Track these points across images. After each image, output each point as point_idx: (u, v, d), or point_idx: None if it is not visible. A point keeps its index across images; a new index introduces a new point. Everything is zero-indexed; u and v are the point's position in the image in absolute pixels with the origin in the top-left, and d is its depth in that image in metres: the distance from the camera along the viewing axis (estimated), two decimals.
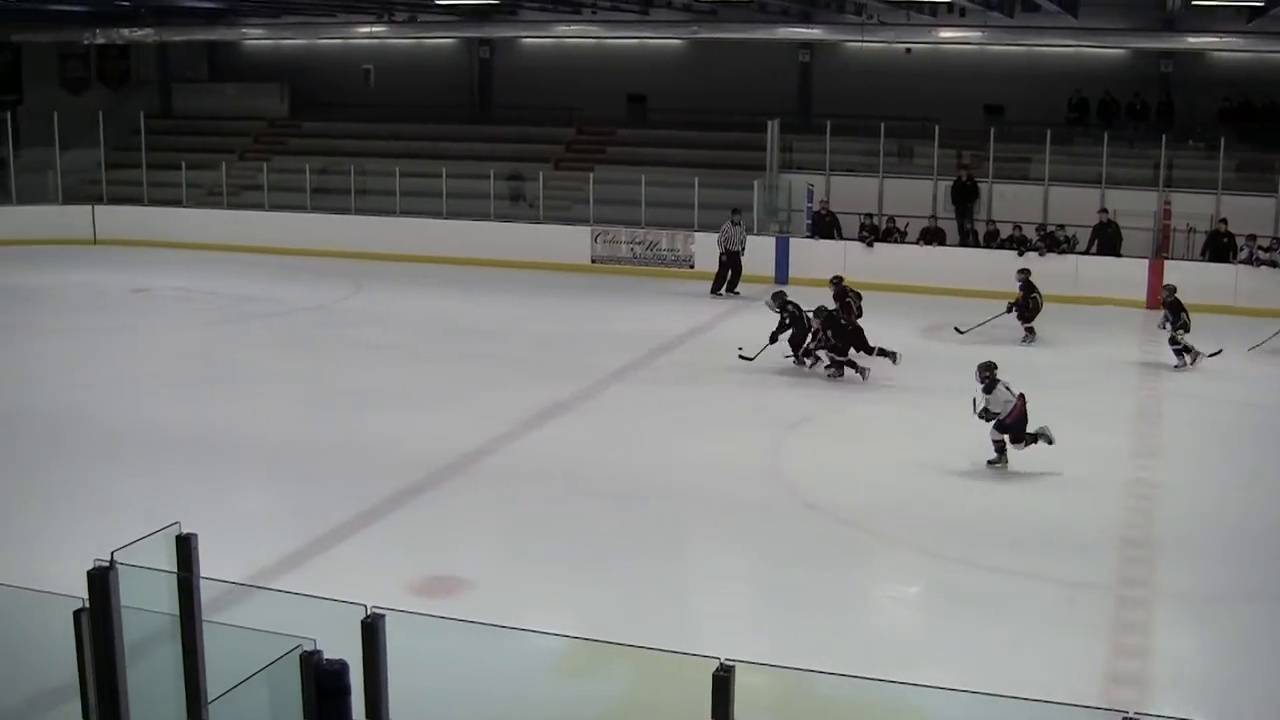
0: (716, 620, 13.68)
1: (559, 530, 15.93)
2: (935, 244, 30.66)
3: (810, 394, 21.78)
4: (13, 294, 30.35)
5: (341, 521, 15.92)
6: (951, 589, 14.46)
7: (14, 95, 42.68)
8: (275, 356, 24.84)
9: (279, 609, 9.28)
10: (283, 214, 36.94)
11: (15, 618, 9.46)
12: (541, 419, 20.42)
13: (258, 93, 44.68)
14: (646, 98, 40.66)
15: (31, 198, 38.05)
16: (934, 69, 36.60)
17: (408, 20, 39.33)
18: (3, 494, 17.27)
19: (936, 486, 17.49)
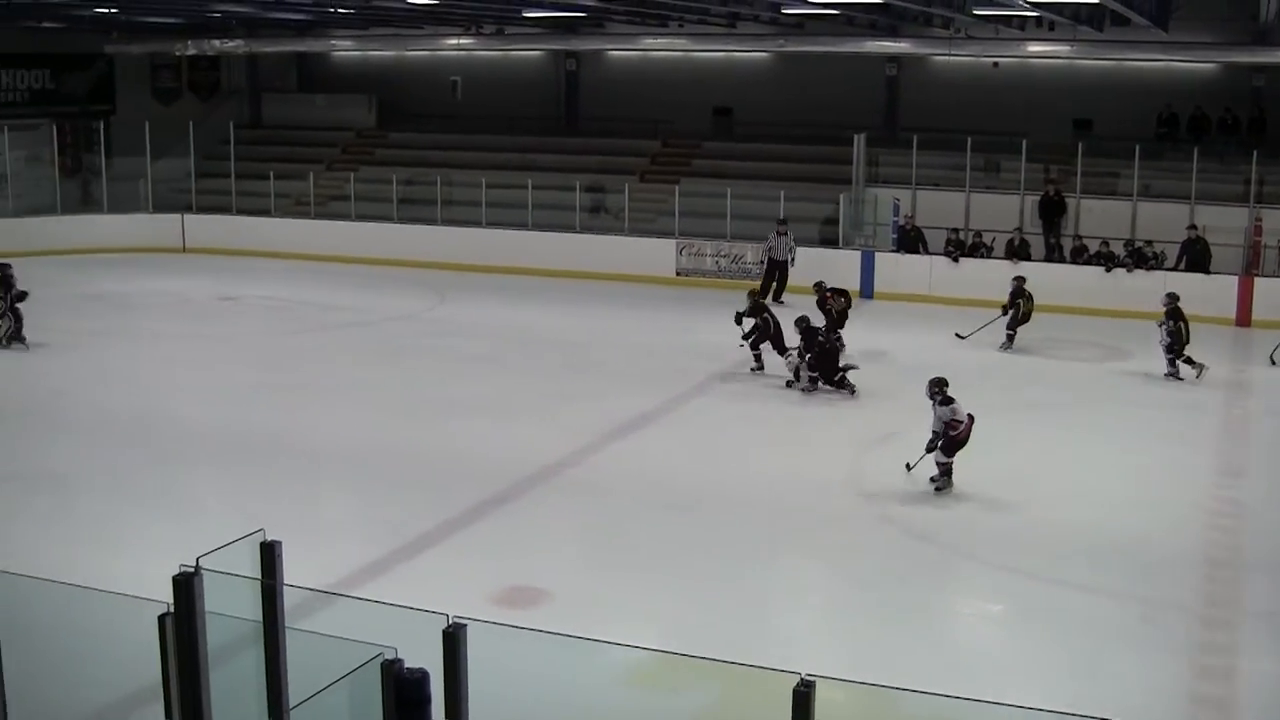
0: (796, 634, 13.63)
1: (640, 542, 15.93)
2: (1021, 259, 30.41)
3: (895, 408, 21.62)
4: (103, 301, 30.70)
5: (424, 531, 15.99)
6: (1031, 606, 14.34)
7: (107, 105, 43.23)
8: (361, 365, 24.97)
9: (361, 617, 9.34)
10: (369, 224, 37.19)
11: (102, 621, 9.55)
12: (624, 431, 20.43)
13: (346, 104, 44.99)
14: (733, 111, 40.59)
15: (122, 206, 38.52)
16: (1022, 83, 36.32)
17: (495, 32, 39.47)
18: (91, 497, 17.47)
19: (1017, 502, 17.34)
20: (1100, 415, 21.91)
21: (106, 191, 38.70)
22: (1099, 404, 22.60)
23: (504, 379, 23.78)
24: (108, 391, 22.79)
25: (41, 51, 41.12)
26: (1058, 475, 18.53)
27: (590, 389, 23.05)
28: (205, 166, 40.65)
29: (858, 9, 30.18)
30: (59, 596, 9.37)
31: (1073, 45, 33.18)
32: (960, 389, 22.81)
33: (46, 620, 9.79)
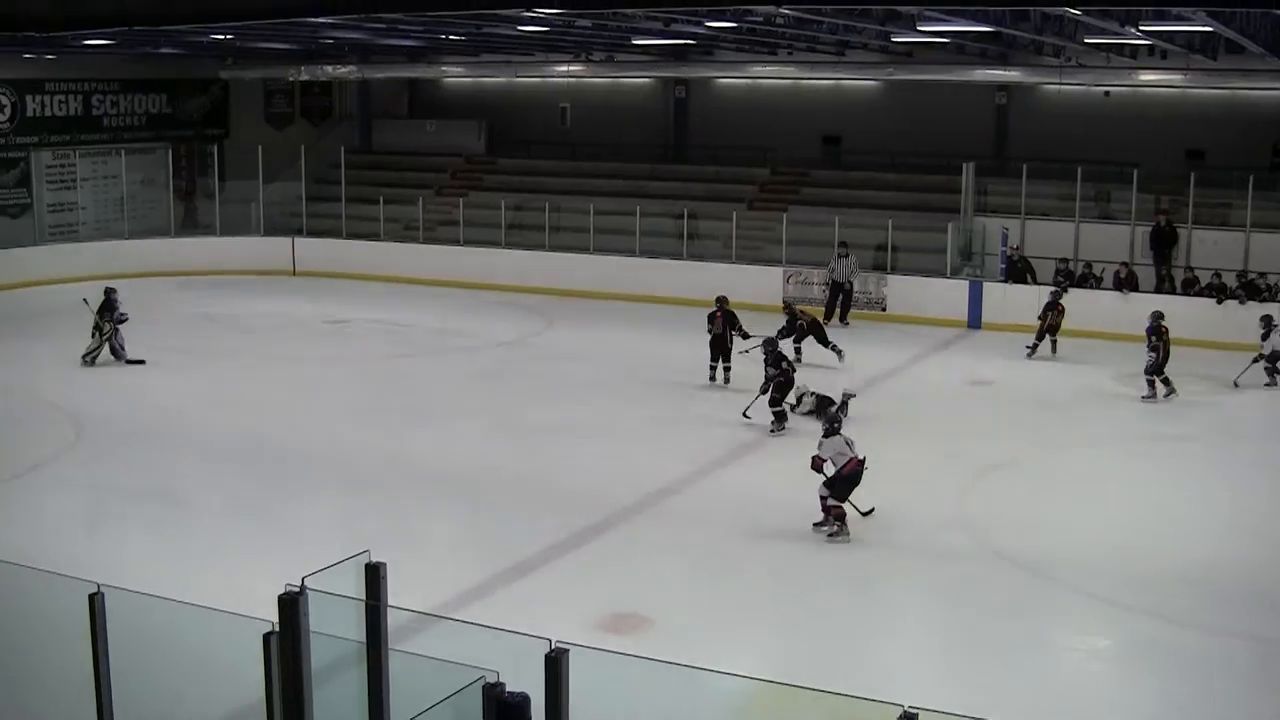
0: (900, 666, 13.53)
1: (744, 570, 15.89)
2: (1131, 290, 30.05)
3: (1006, 441, 21.46)
4: (215, 322, 31.08)
5: (528, 554, 16.03)
6: (1142, 643, 14.16)
7: (222, 130, 43.81)
8: (468, 389, 25.11)
9: (463, 640, 9.35)
10: (477, 249, 37.38)
11: (208, 637, 9.66)
12: (729, 459, 20.41)
13: (456, 129, 45.32)
14: (841, 138, 40.50)
15: (234, 229, 39.02)
16: (1133, 112, 35.93)
17: (605, 60, 39.59)
18: (201, 516, 17.72)
19: (1130, 537, 17.14)
20: (1213, 449, 21.65)
21: (219, 214, 39.19)
22: (1212, 438, 22.30)
23: (609, 405, 23.81)
24: (219, 411, 23.07)
25: (158, 77, 41.74)
26: (1170, 509, 18.31)
27: (696, 415, 23.03)
28: (316, 190, 41.08)
29: (968, 37, 30.00)
30: (168, 612, 9.49)
31: (1186, 74, 32.79)
32: (1070, 422, 22.72)
33: (155, 635, 9.91)
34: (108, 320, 25.91)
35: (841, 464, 16.95)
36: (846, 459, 16.95)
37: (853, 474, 16.91)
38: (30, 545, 15.06)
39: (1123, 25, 23.04)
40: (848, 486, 16.92)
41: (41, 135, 39.00)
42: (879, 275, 32.48)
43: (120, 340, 26.11)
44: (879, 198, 36.04)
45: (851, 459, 16.94)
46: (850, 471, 16.91)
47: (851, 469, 16.91)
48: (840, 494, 16.89)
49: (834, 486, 16.89)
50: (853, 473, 16.91)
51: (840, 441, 17.06)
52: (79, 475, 19.70)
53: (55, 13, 23.79)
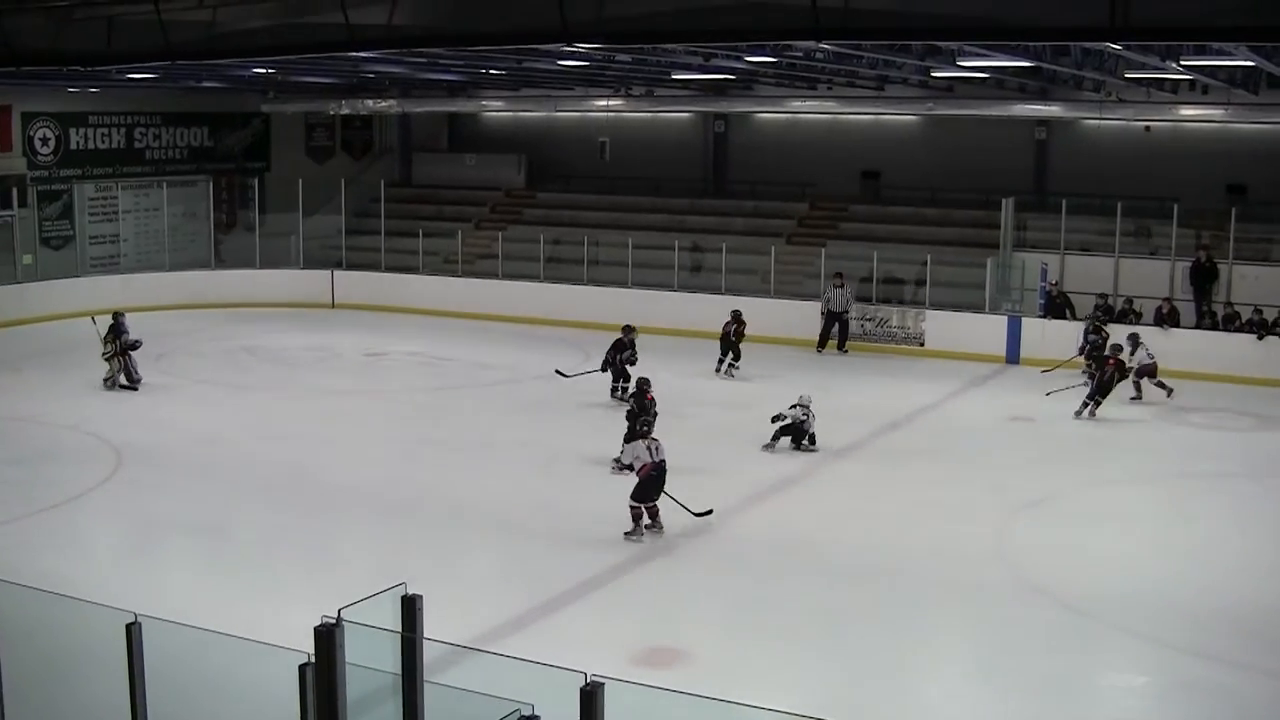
0: (938, 702, 13.47)
1: (782, 606, 15.84)
2: (1172, 326, 29.91)
3: (1046, 477, 21.37)
4: (255, 354, 31.22)
5: (564, 588, 16.03)
6: (1181, 682, 14.05)
7: (262, 163, 44.05)
8: (506, 423, 25.14)
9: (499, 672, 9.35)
10: (516, 283, 37.44)
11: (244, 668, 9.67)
12: (767, 493, 20.37)
13: (496, 163, 45.48)
14: (880, 173, 40.46)
15: (274, 261, 39.20)
16: (1174, 147, 35.78)
17: (644, 94, 39.67)
18: (239, 547, 17.77)
19: (1171, 574, 17.06)
20: (1255, 485, 21.51)
21: (259, 247, 39.38)
22: (1254, 474, 22.16)
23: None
24: (258, 443, 23.16)
25: (200, 110, 42.04)
26: (1212, 546, 18.21)
27: (734, 451, 22.98)
28: (356, 224, 41.29)
29: (1007, 72, 29.97)
30: (204, 643, 9.51)
31: (1227, 109, 32.63)
32: (1111, 458, 22.62)
33: (192, 664, 9.93)
34: (110, 343, 26.61)
35: (638, 468, 17.77)
36: (643, 463, 17.64)
37: (648, 478, 17.71)
38: (69, 574, 15.13)
39: (1163, 60, 22.96)
40: (644, 490, 17.74)
41: (84, 168, 39.29)
42: (917, 311, 32.40)
43: (134, 364, 26.72)
44: (918, 233, 36.03)
45: (646, 464, 17.64)
46: (645, 476, 17.71)
47: (645, 474, 17.72)
48: (638, 496, 17.74)
49: (634, 490, 17.76)
50: (647, 477, 17.71)
51: (640, 446, 17.86)
52: (119, 505, 19.81)
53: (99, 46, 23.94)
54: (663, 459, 17.92)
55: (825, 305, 32.71)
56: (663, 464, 17.86)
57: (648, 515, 17.90)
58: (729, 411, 25.89)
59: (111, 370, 26.69)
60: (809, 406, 22.75)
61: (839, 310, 32.57)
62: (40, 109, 37.74)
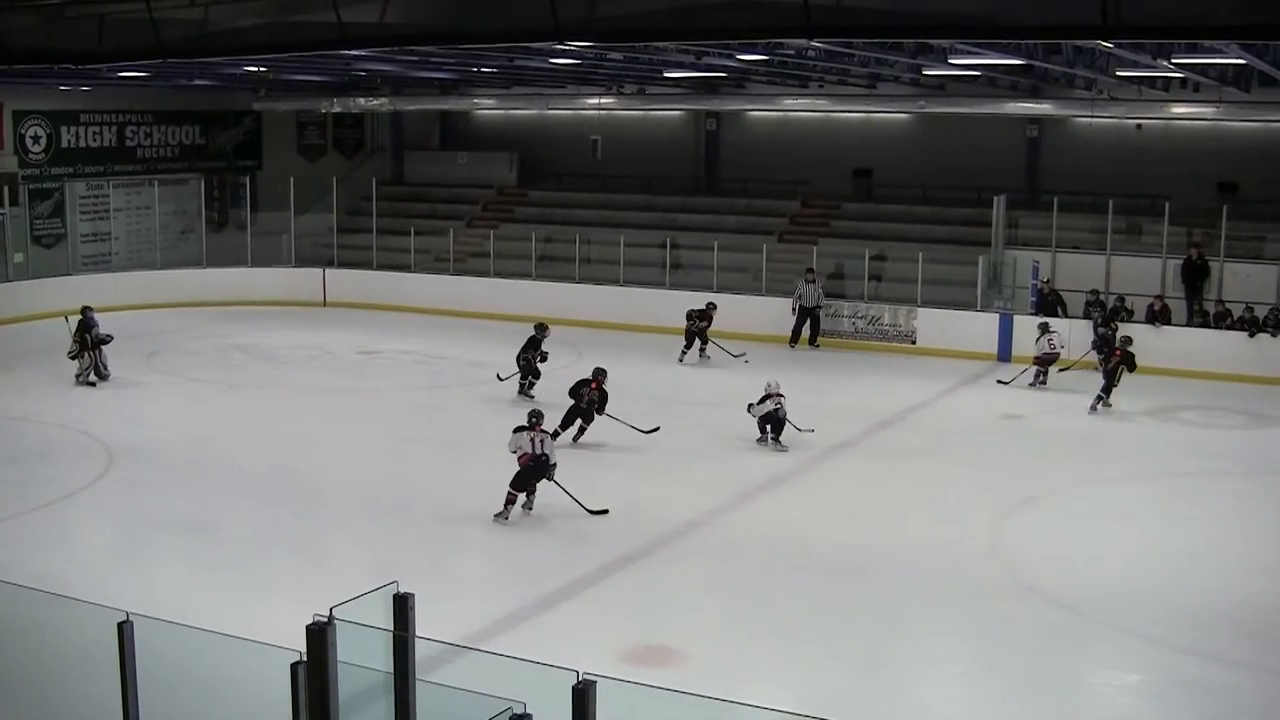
0: (931, 702, 13.48)
1: (773, 604, 15.85)
2: (1164, 324, 29.94)
3: (1039, 475, 21.39)
4: (247, 353, 31.20)
5: (556, 586, 16.03)
6: (1177, 680, 14.06)
7: (254, 161, 44.02)
8: (498, 421, 25.06)
9: (491, 671, 9.36)
10: (508, 281, 37.42)
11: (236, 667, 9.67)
12: (758, 491, 20.37)
13: (488, 161, 45.50)
14: (872, 171, 40.49)
15: (266, 260, 39.19)
16: (1165, 145, 35.83)
17: (636, 92, 39.69)
18: (231, 546, 17.75)
19: (1165, 572, 17.07)
20: (1249, 483, 21.54)
21: (251, 246, 39.35)
22: (1245, 471, 22.19)
23: (639, 436, 23.79)
24: (250, 441, 23.15)
25: (192, 109, 41.97)
26: (1206, 544, 18.22)
27: (725, 449, 22.98)
28: (347, 222, 41.27)
29: (999, 70, 30.01)
30: (196, 641, 9.51)
31: (1218, 107, 32.68)
32: (1103, 456, 22.65)
33: (184, 664, 9.93)
34: (76, 339, 27.11)
35: (518, 456, 18.63)
36: (523, 453, 18.58)
37: (525, 468, 18.58)
38: (61, 573, 15.12)
39: (1155, 58, 23.00)
40: (522, 479, 18.60)
41: (76, 166, 39.23)
42: (908, 309, 32.41)
43: (103, 360, 27.11)
44: (910, 230, 36.06)
45: (525, 454, 18.58)
46: (523, 465, 18.59)
47: (524, 463, 18.60)
48: (516, 485, 18.59)
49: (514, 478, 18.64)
50: (525, 467, 18.57)
51: (524, 437, 18.70)
52: (110, 504, 19.79)
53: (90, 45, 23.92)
54: (546, 454, 18.63)
55: (796, 301, 33.00)
56: (544, 458, 18.58)
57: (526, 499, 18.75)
58: (719, 409, 25.85)
59: (82, 366, 26.96)
60: (779, 394, 22.80)
61: (810, 305, 32.86)
62: (31, 107, 37.66)
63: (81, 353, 27.05)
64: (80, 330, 27.14)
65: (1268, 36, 19.08)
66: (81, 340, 27.09)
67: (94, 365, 27.04)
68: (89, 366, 27.01)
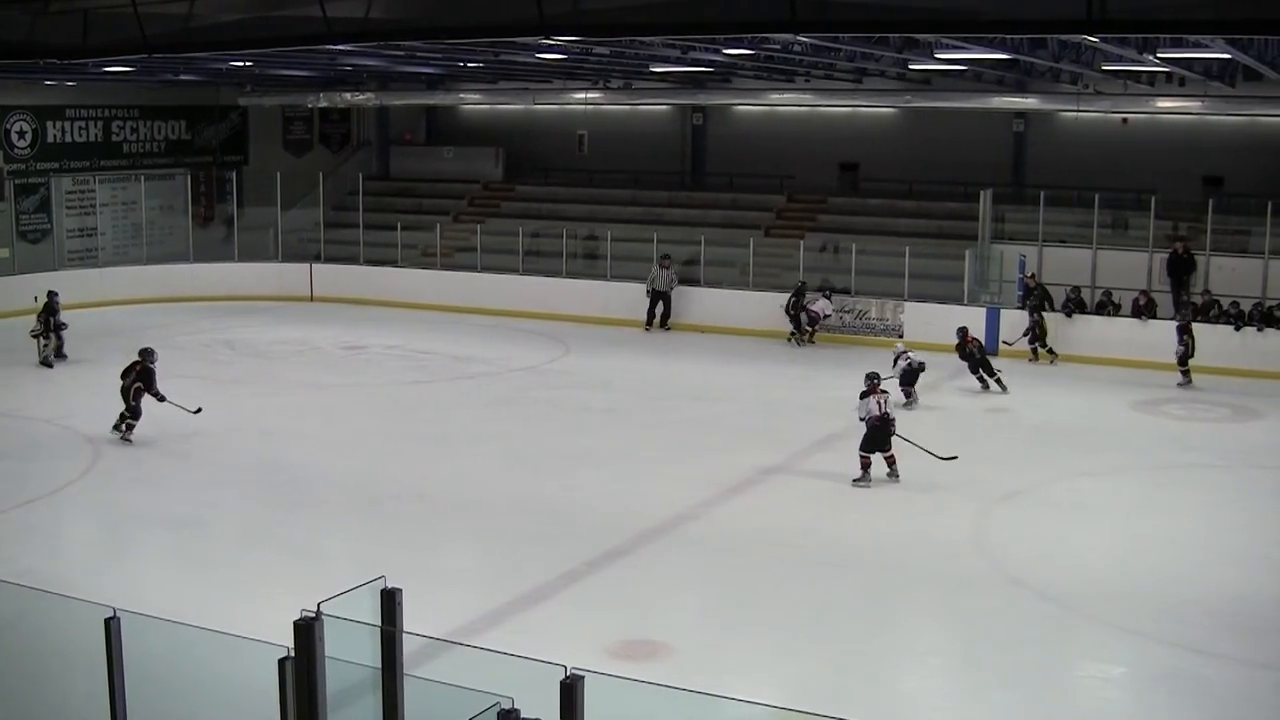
0: (917, 695, 13.51)
1: (760, 598, 15.87)
2: (1148, 317, 29.97)
3: (1024, 468, 21.43)
4: (233, 348, 31.18)
5: (543, 581, 16.04)
6: (1160, 672, 14.08)
7: (240, 156, 44.00)
8: (485, 416, 25.13)
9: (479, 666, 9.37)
10: (495, 276, 37.43)
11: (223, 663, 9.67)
12: (745, 485, 20.39)
13: (474, 156, 45.51)
14: (859, 166, 40.53)
15: (253, 255, 39.19)
16: (1151, 139, 35.89)
17: (622, 87, 39.72)
18: (217, 541, 17.74)
19: (1149, 565, 17.09)
20: (1231, 477, 21.58)
21: (237, 241, 39.33)
22: (1229, 464, 22.24)
23: (626, 431, 23.83)
24: (236, 437, 23.11)
25: (178, 104, 41.96)
26: (1189, 537, 18.25)
27: (712, 443, 23.02)
28: (334, 217, 41.27)
29: (985, 65, 30.04)
30: (183, 637, 9.51)
31: (1204, 101, 32.75)
32: (1087, 449, 22.69)
33: (170, 660, 9.93)
34: (40, 320, 28.58)
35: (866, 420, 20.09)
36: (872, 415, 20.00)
37: (873, 430, 19.96)
38: (47, 569, 15.11)
39: (1140, 52, 23.06)
40: (871, 441, 20.04)
41: (62, 161, 39.19)
42: (895, 303, 32.44)
43: (62, 343, 28.70)
44: (896, 224, 36.18)
45: (875, 415, 19.96)
46: (872, 427, 19.98)
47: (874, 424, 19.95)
48: (867, 447, 20.06)
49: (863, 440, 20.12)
50: (873, 429, 19.96)
51: (871, 401, 20.08)
52: (96, 499, 19.76)
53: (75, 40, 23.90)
54: (888, 413, 20.09)
55: (650, 284, 34.20)
56: (888, 417, 20.00)
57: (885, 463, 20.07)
58: (707, 403, 25.93)
59: (41, 346, 28.34)
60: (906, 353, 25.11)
61: (663, 289, 34.25)
62: (17, 102, 37.62)
63: (45, 333, 28.35)
64: (45, 313, 28.42)
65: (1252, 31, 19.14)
66: (45, 322, 28.41)
67: (56, 347, 28.41)
68: (49, 348, 28.32)
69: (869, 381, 20.32)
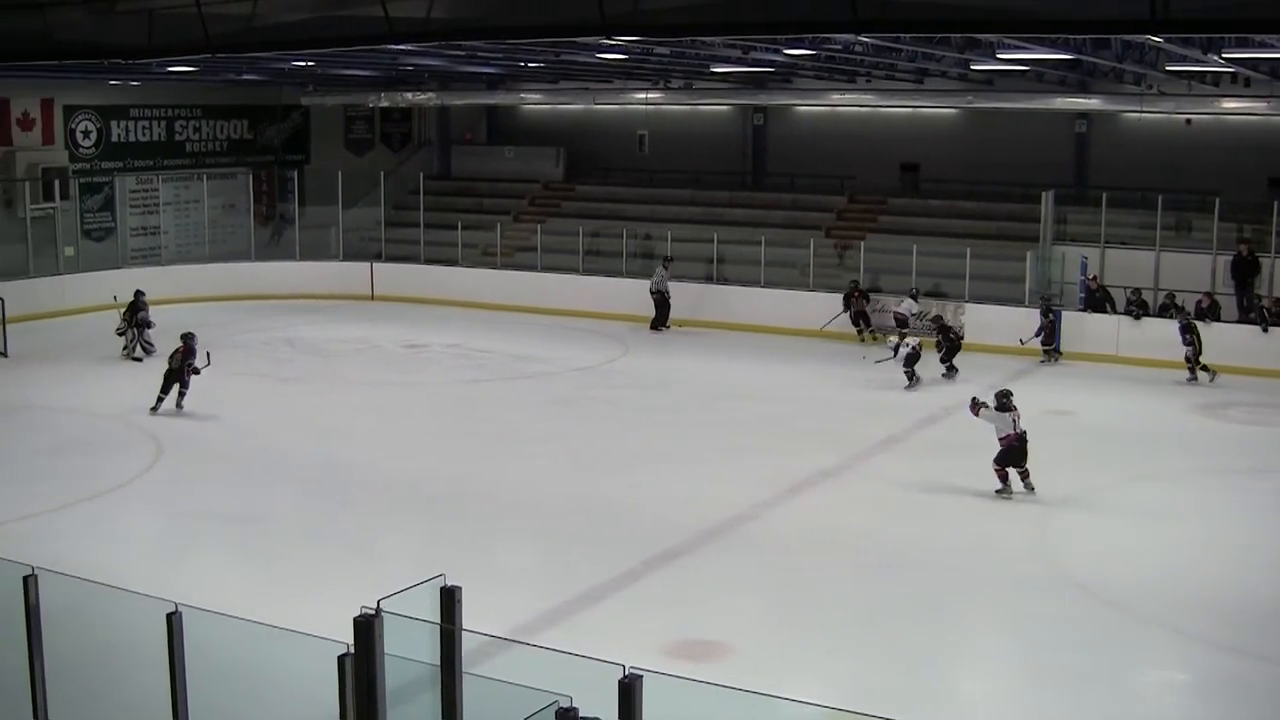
0: (976, 699, 13.45)
1: (819, 599, 15.83)
2: (1213, 320, 29.70)
3: (1085, 471, 21.26)
4: (294, 346, 31.33)
5: (601, 581, 16.04)
6: (1221, 679, 13.97)
7: (301, 155, 44.21)
8: (544, 415, 25.16)
9: (537, 664, 9.37)
10: (555, 275, 37.47)
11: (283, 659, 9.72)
12: (805, 486, 20.34)
13: (534, 156, 45.56)
14: (920, 166, 40.34)
15: (314, 254, 39.36)
16: (1215, 140, 35.55)
17: (683, 87, 39.70)
18: (278, 539, 17.84)
19: (1212, 570, 16.94)
20: None
21: (299, 239, 39.55)
22: None
23: (685, 432, 23.81)
24: (297, 435, 23.25)
25: (240, 103, 42.22)
26: (1252, 543, 18.08)
27: (771, 443, 22.98)
28: (395, 216, 41.39)
29: (1047, 65, 29.87)
30: (244, 633, 9.56)
31: (1269, 101, 32.43)
32: (1150, 453, 22.50)
33: (231, 656, 9.99)
34: (124, 318, 29.33)
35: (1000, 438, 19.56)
36: (1005, 434, 19.51)
37: (1009, 448, 19.53)
38: (110, 564, 15.20)
39: (1205, 53, 22.89)
40: (1007, 457, 19.54)
41: (126, 160, 39.50)
42: (956, 304, 32.28)
43: (148, 338, 29.21)
44: (957, 226, 35.95)
45: (1009, 435, 19.47)
46: (1007, 446, 19.54)
47: (1009, 444, 19.52)
48: (1003, 461, 19.56)
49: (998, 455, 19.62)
50: (1010, 447, 19.52)
51: (1006, 418, 19.57)
52: (159, 496, 19.91)
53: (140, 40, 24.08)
54: (1024, 430, 19.50)
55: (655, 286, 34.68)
56: (1024, 435, 19.47)
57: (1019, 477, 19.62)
58: (764, 404, 25.89)
59: (127, 343, 29.14)
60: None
61: (660, 291, 34.51)
62: (82, 102, 37.93)
63: (127, 330, 29.01)
64: (130, 310, 29.06)
65: None
66: (129, 319, 29.04)
67: (139, 343, 29.01)
68: (133, 343, 29.15)
69: (1000, 399, 19.84)
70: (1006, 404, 19.61)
